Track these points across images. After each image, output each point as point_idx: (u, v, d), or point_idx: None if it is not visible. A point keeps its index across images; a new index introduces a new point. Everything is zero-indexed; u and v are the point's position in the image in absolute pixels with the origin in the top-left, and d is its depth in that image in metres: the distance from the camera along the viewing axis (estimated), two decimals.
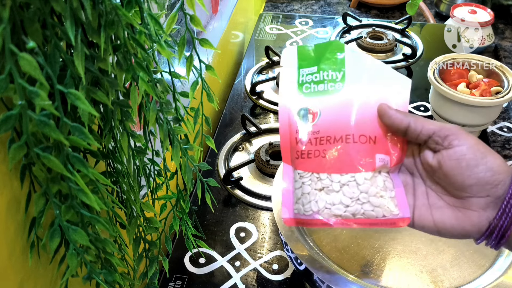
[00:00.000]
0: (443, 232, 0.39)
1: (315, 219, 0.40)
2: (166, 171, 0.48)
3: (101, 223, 0.34)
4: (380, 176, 0.40)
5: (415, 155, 0.41)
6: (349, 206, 0.40)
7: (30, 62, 0.25)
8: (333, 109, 0.42)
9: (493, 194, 0.37)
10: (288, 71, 0.44)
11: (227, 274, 0.65)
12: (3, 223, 0.34)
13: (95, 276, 0.35)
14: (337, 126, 0.41)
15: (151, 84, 0.37)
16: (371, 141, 0.40)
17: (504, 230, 0.37)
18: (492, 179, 0.37)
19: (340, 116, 0.41)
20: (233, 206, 0.76)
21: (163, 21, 0.61)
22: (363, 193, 0.40)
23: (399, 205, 0.40)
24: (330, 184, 0.40)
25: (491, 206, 0.37)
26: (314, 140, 0.41)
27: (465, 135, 0.38)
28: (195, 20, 0.41)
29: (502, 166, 0.37)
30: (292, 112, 0.43)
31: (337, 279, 0.51)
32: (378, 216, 0.40)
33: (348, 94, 0.42)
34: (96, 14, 0.30)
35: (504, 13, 1.28)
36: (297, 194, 0.42)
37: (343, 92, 0.42)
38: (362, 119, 0.41)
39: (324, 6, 1.42)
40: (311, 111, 0.42)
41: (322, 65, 0.43)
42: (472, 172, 0.37)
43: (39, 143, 0.30)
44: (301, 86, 0.43)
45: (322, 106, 0.42)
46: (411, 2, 0.86)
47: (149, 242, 0.48)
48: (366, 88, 0.42)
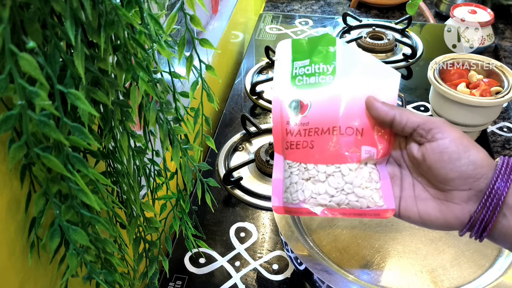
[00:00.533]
0: (427, 224, 0.40)
1: (302, 207, 0.42)
2: (166, 171, 0.48)
3: (101, 223, 0.34)
4: (366, 168, 0.41)
5: (402, 147, 0.42)
6: (334, 196, 0.41)
7: (30, 62, 0.25)
8: (323, 102, 0.42)
9: (475, 188, 0.37)
10: (282, 64, 0.45)
11: (227, 274, 0.65)
12: (3, 223, 0.34)
13: (95, 276, 0.35)
14: (326, 118, 0.42)
15: (151, 84, 0.37)
16: (358, 133, 0.41)
17: (485, 224, 0.37)
18: (474, 172, 0.37)
19: (330, 109, 0.42)
20: (233, 206, 0.76)
21: (163, 21, 0.61)
22: (347, 183, 0.41)
23: (384, 197, 0.41)
24: (317, 174, 0.41)
25: (473, 200, 0.37)
26: (303, 131, 0.42)
27: (448, 128, 0.38)
28: (195, 20, 0.41)
29: (484, 160, 0.37)
30: (284, 104, 0.44)
31: (337, 279, 0.51)
32: (362, 207, 0.41)
33: (338, 87, 0.42)
34: (96, 14, 0.30)
35: (504, 13, 1.28)
36: (286, 183, 0.43)
37: (334, 85, 0.43)
38: (351, 112, 0.42)
39: (324, 6, 1.42)
40: (302, 103, 0.43)
41: (314, 58, 0.44)
42: (454, 165, 0.37)
43: (39, 143, 0.30)
44: (294, 79, 0.44)
45: (313, 98, 0.43)
46: (411, 2, 0.86)
47: (149, 242, 0.48)
48: (356, 81, 0.42)
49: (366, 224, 0.59)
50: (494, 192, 0.36)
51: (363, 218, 0.41)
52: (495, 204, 0.36)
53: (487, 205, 0.37)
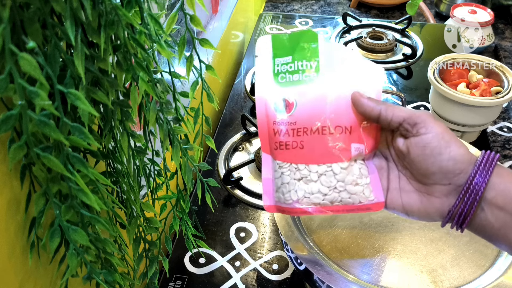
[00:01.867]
0: (410, 215, 0.41)
1: (295, 207, 0.42)
2: (166, 171, 0.48)
3: (101, 223, 0.34)
4: (356, 164, 0.42)
5: (388, 141, 0.43)
6: (327, 195, 0.42)
7: (30, 62, 0.25)
8: (308, 100, 0.42)
9: (455, 182, 0.38)
10: (263, 61, 0.44)
11: (227, 274, 0.65)
12: (3, 223, 0.34)
13: (95, 276, 0.35)
14: (313, 116, 0.42)
15: (151, 84, 0.37)
16: (346, 131, 0.42)
17: (464, 217, 0.38)
18: (454, 168, 0.38)
19: (316, 107, 0.42)
20: (233, 206, 0.76)
21: (163, 21, 0.61)
22: (340, 182, 0.42)
23: (374, 191, 0.42)
24: (308, 174, 0.42)
25: (453, 194, 0.39)
26: (292, 131, 0.42)
27: (432, 123, 0.39)
28: (195, 20, 0.41)
29: (464, 156, 0.38)
30: (269, 102, 0.43)
31: (337, 279, 0.51)
32: (354, 203, 0.42)
33: (323, 84, 0.42)
34: (96, 14, 0.30)
35: (504, 13, 1.28)
36: (277, 183, 0.43)
37: (318, 82, 0.42)
38: (337, 109, 0.42)
39: (324, 6, 1.42)
40: (288, 101, 0.43)
41: (296, 55, 0.43)
42: (435, 160, 0.38)
43: (39, 143, 0.30)
44: (276, 76, 0.43)
45: (298, 97, 0.42)
46: (411, 2, 0.86)
47: (149, 242, 0.48)
48: (340, 78, 0.42)
49: (366, 224, 0.59)
50: (472, 187, 0.37)
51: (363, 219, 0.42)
52: (472, 199, 0.37)
53: (465, 200, 0.38)
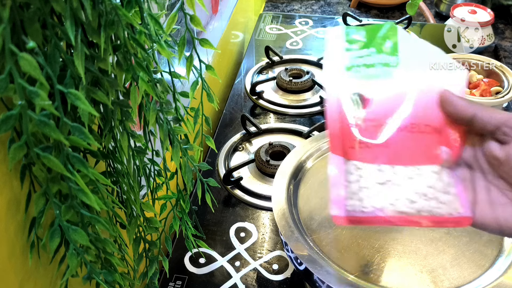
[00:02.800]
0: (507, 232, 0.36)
1: (377, 216, 0.37)
2: (166, 171, 0.48)
3: (101, 223, 0.34)
4: (445, 170, 0.37)
5: (475, 147, 0.37)
6: (415, 202, 0.37)
7: (30, 62, 0.25)
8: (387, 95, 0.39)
9: None
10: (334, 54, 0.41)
11: (227, 274, 0.65)
12: (3, 223, 0.34)
13: (95, 276, 0.35)
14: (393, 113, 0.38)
15: (151, 84, 0.37)
16: (436, 131, 0.37)
17: None
18: None
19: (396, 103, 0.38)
20: (233, 206, 0.76)
21: (163, 21, 0.61)
22: (430, 188, 0.37)
23: (462, 203, 0.37)
24: (394, 178, 0.37)
25: None
26: (372, 127, 0.38)
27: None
28: (195, 20, 0.41)
29: None
30: (342, 98, 0.39)
31: (337, 279, 0.51)
32: (443, 214, 0.36)
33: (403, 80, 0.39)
34: (96, 14, 0.30)
35: (504, 13, 1.28)
36: (352, 188, 0.38)
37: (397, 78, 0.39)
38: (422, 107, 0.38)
39: (324, 6, 1.42)
40: (364, 96, 0.39)
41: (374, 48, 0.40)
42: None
43: (39, 143, 0.30)
44: (350, 70, 0.40)
45: (376, 92, 0.39)
46: (411, 2, 0.86)
47: (149, 242, 0.48)
48: (421, 75, 0.39)
49: None
50: None
51: None
52: None
53: None
